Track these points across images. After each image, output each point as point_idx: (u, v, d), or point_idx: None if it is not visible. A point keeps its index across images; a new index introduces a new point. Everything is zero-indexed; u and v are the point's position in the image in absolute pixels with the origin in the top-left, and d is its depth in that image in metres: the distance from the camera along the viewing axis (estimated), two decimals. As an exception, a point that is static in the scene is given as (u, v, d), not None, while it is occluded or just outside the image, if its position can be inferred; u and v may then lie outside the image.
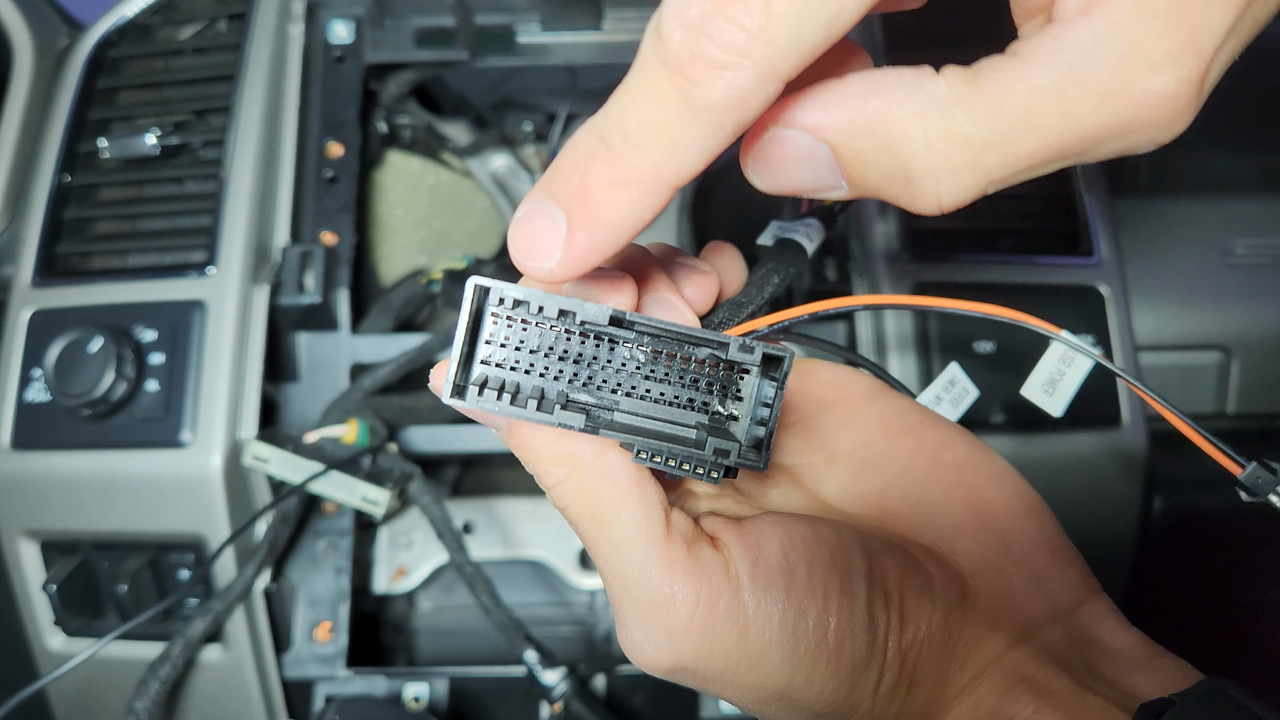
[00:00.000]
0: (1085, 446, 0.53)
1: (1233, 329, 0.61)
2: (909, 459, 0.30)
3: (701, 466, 0.25)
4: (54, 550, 0.55)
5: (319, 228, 0.61)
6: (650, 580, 0.25)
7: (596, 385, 0.25)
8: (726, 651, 0.25)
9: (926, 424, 0.31)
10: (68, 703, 0.57)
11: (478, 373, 0.25)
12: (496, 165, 0.81)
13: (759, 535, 0.26)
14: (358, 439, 0.53)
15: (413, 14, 0.66)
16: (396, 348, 0.59)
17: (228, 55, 0.61)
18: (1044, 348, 0.53)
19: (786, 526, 0.27)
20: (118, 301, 0.55)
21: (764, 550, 0.26)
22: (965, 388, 0.35)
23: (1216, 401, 0.62)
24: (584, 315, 0.24)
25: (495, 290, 0.24)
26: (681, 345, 0.25)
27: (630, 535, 0.25)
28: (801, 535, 0.26)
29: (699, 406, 0.25)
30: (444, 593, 0.66)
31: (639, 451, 0.24)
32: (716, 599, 0.25)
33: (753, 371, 0.25)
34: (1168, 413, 0.31)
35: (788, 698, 0.26)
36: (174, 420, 0.52)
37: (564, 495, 0.26)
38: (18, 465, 0.54)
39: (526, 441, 0.26)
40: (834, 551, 0.26)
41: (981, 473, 0.30)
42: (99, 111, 0.61)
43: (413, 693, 0.57)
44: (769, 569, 0.25)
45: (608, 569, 0.26)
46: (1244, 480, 0.30)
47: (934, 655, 0.27)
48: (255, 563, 0.53)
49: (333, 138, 0.63)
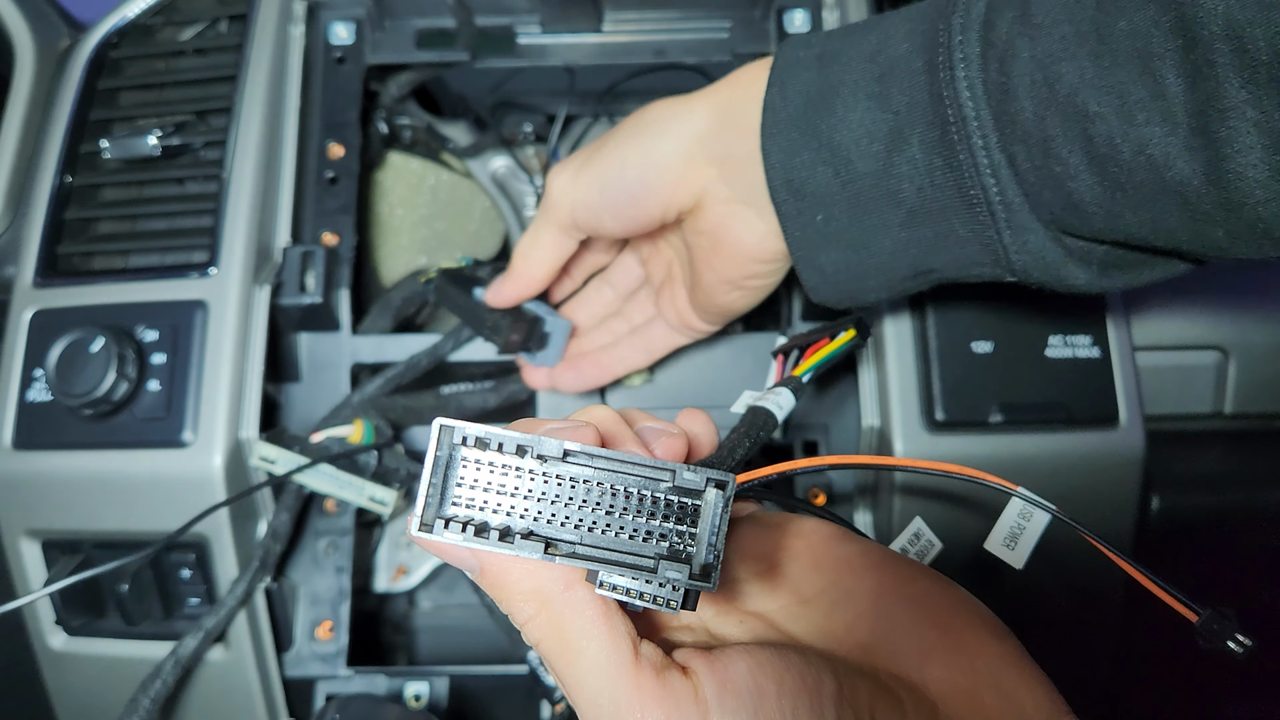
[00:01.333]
0: (1082, 446, 0.53)
1: (1230, 329, 0.61)
2: (876, 593, 0.32)
3: (660, 597, 0.26)
4: (55, 550, 0.55)
5: (320, 228, 0.61)
6: (620, 707, 0.26)
7: (560, 520, 0.27)
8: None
9: (890, 560, 0.33)
10: (70, 702, 0.57)
11: (449, 511, 0.27)
12: (497, 166, 0.82)
13: (727, 660, 0.27)
14: (363, 439, 0.53)
15: (413, 15, 0.67)
16: (397, 348, 0.59)
17: (229, 56, 0.62)
18: (1043, 347, 0.53)
19: (754, 652, 0.28)
20: (119, 301, 0.55)
21: (731, 673, 0.27)
22: (930, 540, 0.37)
23: (1214, 402, 0.63)
24: (540, 449, 0.26)
25: (459, 430, 0.26)
26: (635, 478, 0.27)
27: (600, 664, 0.27)
28: (770, 659, 0.27)
29: (657, 538, 0.27)
30: (444, 591, 0.67)
31: (601, 582, 0.26)
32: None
33: (707, 501, 0.27)
34: (1114, 556, 0.33)
35: None
36: (176, 420, 0.52)
37: (535, 631, 0.28)
38: (19, 465, 0.54)
39: (498, 580, 0.28)
40: (803, 674, 0.27)
41: (945, 600, 0.32)
42: (100, 112, 0.61)
43: (413, 691, 0.57)
44: (737, 691, 0.26)
45: (581, 699, 0.27)
46: (1199, 628, 0.31)
47: None
48: (248, 575, 0.53)
49: (333, 138, 0.63)
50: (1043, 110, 0.33)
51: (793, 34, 0.45)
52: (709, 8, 0.67)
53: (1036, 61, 0.33)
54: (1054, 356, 0.53)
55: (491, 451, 0.26)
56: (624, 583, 0.26)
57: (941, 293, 0.52)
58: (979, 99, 0.35)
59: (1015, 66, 0.34)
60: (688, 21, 0.68)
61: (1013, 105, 0.34)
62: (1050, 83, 0.33)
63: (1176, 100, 0.30)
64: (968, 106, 0.35)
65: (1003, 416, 0.52)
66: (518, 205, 0.84)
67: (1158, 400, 0.61)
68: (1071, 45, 0.32)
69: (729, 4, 0.67)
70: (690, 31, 0.68)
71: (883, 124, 0.37)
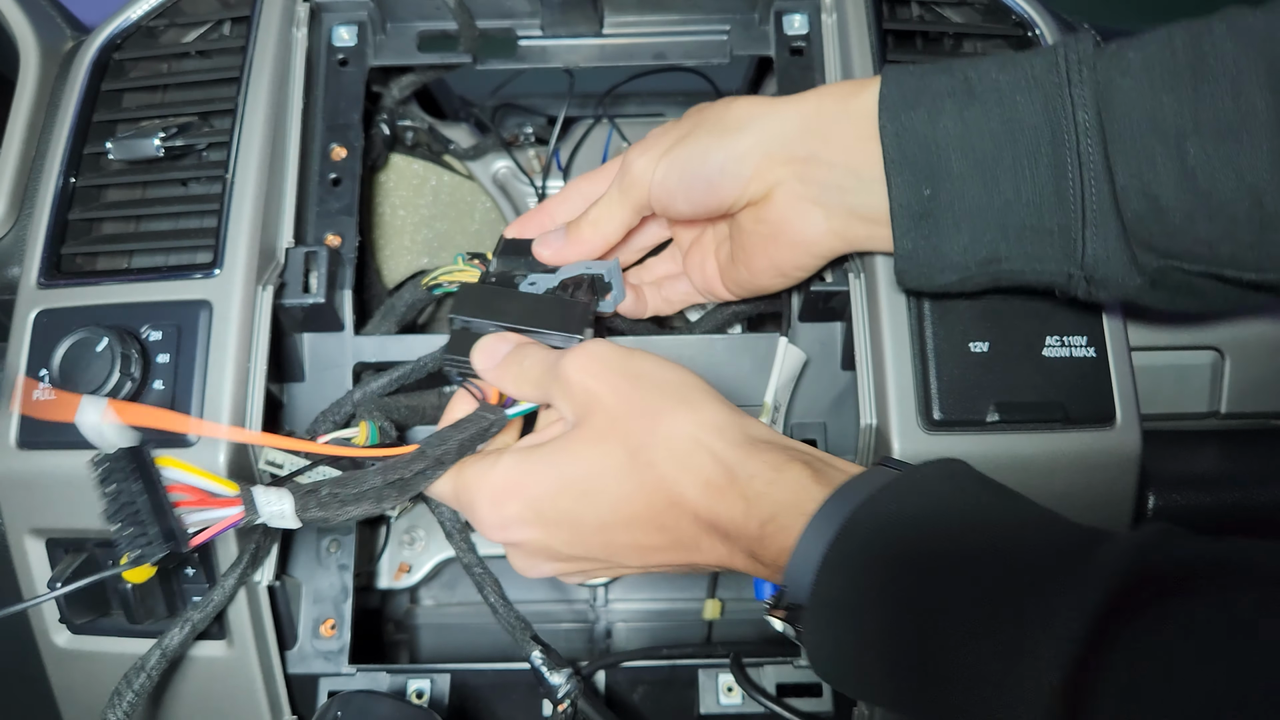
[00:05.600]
0: (1079, 445, 0.53)
1: (1226, 330, 0.62)
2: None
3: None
4: (59, 548, 0.55)
5: (323, 229, 0.62)
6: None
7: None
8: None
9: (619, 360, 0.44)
10: (74, 699, 0.58)
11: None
12: (498, 168, 0.82)
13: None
14: (368, 440, 0.53)
15: (415, 18, 0.67)
16: (400, 348, 0.60)
17: (232, 58, 0.62)
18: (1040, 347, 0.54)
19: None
20: (123, 302, 0.55)
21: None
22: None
23: (1210, 401, 0.63)
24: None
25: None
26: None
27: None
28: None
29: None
30: (445, 589, 0.67)
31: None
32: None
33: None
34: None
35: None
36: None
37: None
38: (24, 464, 0.54)
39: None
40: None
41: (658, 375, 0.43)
42: (104, 113, 0.62)
43: (415, 688, 0.58)
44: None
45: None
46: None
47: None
48: (237, 571, 0.53)
49: (336, 140, 0.64)
50: (1144, 130, 0.40)
51: (891, 64, 0.49)
52: (708, 11, 0.68)
53: (1138, 93, 0.40)
54: (1051, 356, 0.53)
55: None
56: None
57: (940, 294, 0.53)
58: (1091, 113, 0.42)
59: (1117, 96, 0.41)
60: (687, 25, 0.68)
61: (1116, 125, 0.41)
62: (1151, 110, 0.40)
63: (1263, 119, 0.37)
64: (1081, 117, 0.42)
65: (999, 416, 0.52)
66: (519, 206, 0.84)
67: (1154, 400, 0.61)
68: (1170, 82, 0.40)
69: (727, 7, 0.67)
70: (689, 34, 0.68)
71: (990, 124, 0.43)
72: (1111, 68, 0.42)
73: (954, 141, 0.44)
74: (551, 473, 0.40)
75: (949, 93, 0.44)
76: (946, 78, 0.45)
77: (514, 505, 0.41)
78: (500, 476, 0.41)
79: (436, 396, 0.61)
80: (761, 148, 0.47)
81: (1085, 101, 0.42)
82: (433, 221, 0.76)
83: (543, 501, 0.40)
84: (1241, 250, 0.40)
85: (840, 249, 0.51)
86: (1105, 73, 0.42)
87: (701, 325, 0.62)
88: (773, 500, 0.37)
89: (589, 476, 0.39)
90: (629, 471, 0.39)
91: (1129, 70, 0.41)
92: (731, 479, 0.38)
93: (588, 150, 0.86)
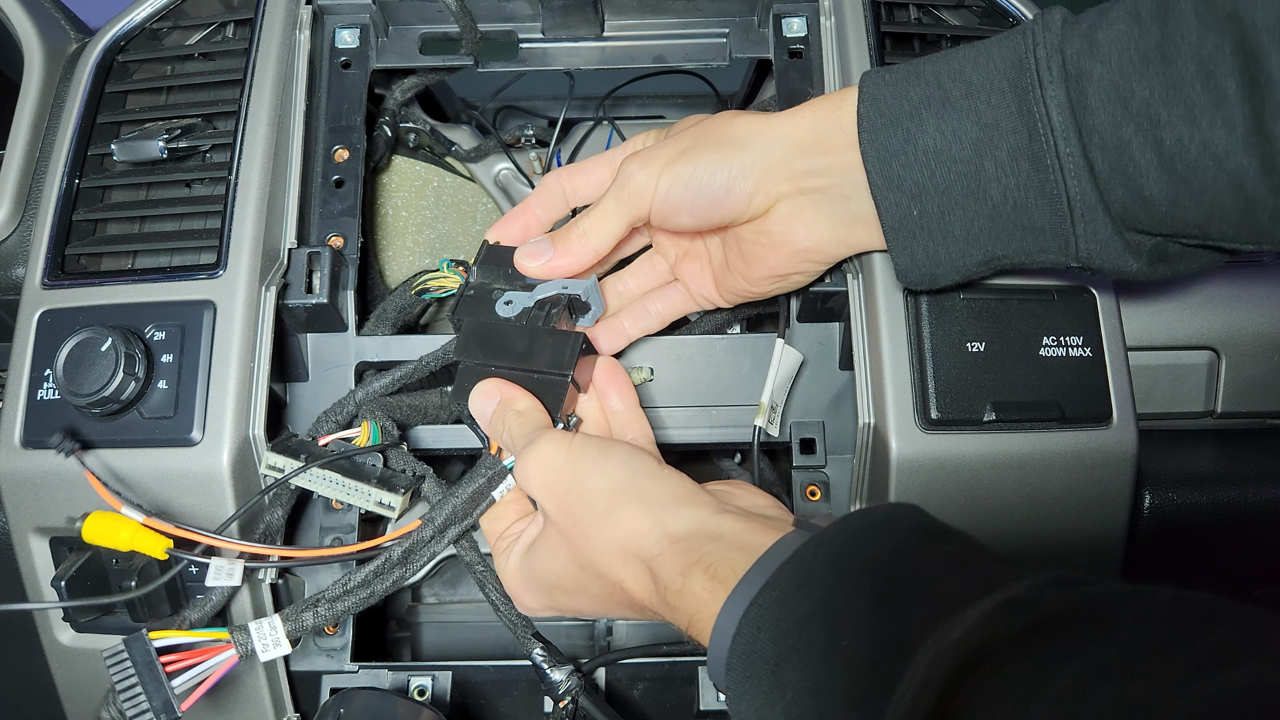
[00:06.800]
0: (1075, 445, 0.54)
1: (1222, 329, 0.62)
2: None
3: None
4: (63, 546, 0.56)
5: (326, 230, 0.62)
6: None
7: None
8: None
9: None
10: (78, 696, 0.58)
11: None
12: (499, 170, 0.83)
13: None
14: (370, 440, 0.54)
15: (417, 21, 0.67)
16: (402, 348, 0.60)
17: (235, 61, 0.62)
18: (1036, 346, 0.54)
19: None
20: (127, 302, 0.56)
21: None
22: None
23: (1206, 401, 0.64)
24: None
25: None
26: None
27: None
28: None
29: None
30: (447, 587, 0.67)
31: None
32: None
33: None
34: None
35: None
36: (184, 419, 0.53)
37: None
38: (28, 463, 0.55)
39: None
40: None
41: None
42: (108, 115, 0.62)
43: (417, 685, 0.58)
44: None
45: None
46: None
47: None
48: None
49: (339, 142, 0.64)
50: (1119, 120, 0.41)
51: (867, 70, 0.49)
52: (707, 14, 0.68)
53: (1110, 82, 0.41)
54: (1047, 356, 0.54)
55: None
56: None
57: (937, 293, 0.53)
58: (1065, 113, 0.42)
59: (1090, 86, 0.41)
60: (686, 27, 0.69)
61: (1091, 118, 0.41)
62: (1124, 99, 0.40)
63: (1236, 105, 0.38)
64: (1056, 119, 0.42)
65: (996, 415, 0.53)
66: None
67: (1150, 399, 0.62)
68: (1140, 67, 0.40)
69: (727, 10, 0.68)
70: (689, 37, 0.69)
71: (969, 133, 0.44)
72: (1082, 54, 0.42)
73: (936, 156, 0.45)
74: (542, 580, 0.47)
75: (925, 103, 0.45)
76: (921, 87, 0.45)
77: (526, 600, 0.50)
78: (509, 579, 0.50)
79: (439, 396, 0.61)
80: (764, 163, 0.48)
81: (1059, 100, 0.42)
82: (435, 223, 0.76)
83: (541, 597, 0.49)
84: (1231, 229, 0.41)
85: (843, 254, 0.52)
86: (1075, 62, 0.42)
87: (701, 325, 0.62)
88: (685, 609, 0.41)
89: (563, 579, 0.46)
90: (590, 577, 0.45)
91: (1098, 53, 0.41)
92: (657, 584, 0.42)
93: (588, 152, 0.87)
